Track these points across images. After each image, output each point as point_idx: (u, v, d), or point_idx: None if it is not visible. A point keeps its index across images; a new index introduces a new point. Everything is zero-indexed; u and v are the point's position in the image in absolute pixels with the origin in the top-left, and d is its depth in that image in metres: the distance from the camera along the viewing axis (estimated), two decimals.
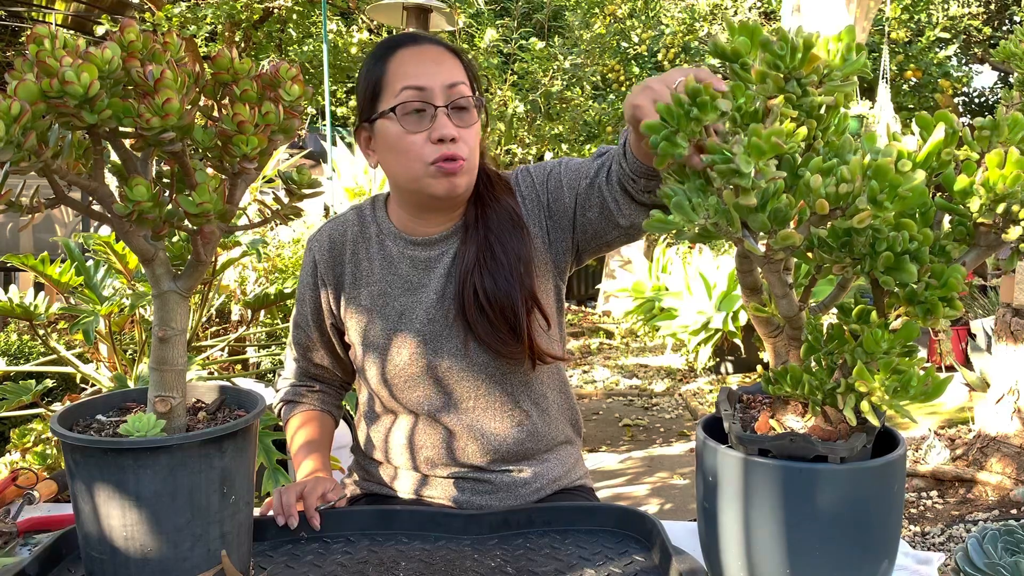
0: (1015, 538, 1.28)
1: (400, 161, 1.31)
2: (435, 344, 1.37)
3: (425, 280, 1.39)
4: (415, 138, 1.29)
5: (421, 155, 1.29)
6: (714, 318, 5.74)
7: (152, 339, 0.94)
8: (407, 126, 1.29)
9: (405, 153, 1.30)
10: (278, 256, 3.63)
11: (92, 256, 2.17)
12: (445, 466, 1.39)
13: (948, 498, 3.64)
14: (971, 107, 11.31)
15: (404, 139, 1.29)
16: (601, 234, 1.34)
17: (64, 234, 7.57)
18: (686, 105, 0.74)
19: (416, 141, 1.29)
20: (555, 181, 1.38)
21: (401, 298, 1.39)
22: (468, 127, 1.31)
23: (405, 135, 1.29)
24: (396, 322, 1.39)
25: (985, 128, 0.79)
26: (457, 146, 1.29)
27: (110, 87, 0.82)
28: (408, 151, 1.29)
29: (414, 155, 1.29)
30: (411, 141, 1.29)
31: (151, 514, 0.89)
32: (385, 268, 1.41)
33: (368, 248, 1.43)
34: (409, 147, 1.29)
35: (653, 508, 3.63)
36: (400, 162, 1.31)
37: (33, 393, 2.02)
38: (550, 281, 1.40)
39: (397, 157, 1.31)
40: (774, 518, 0.84)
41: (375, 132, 1.34)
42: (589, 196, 1.32)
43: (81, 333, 1.91)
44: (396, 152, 1.31)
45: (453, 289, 1.36)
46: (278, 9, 7.56)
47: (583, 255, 1.41)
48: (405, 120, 1.29)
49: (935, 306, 0.77)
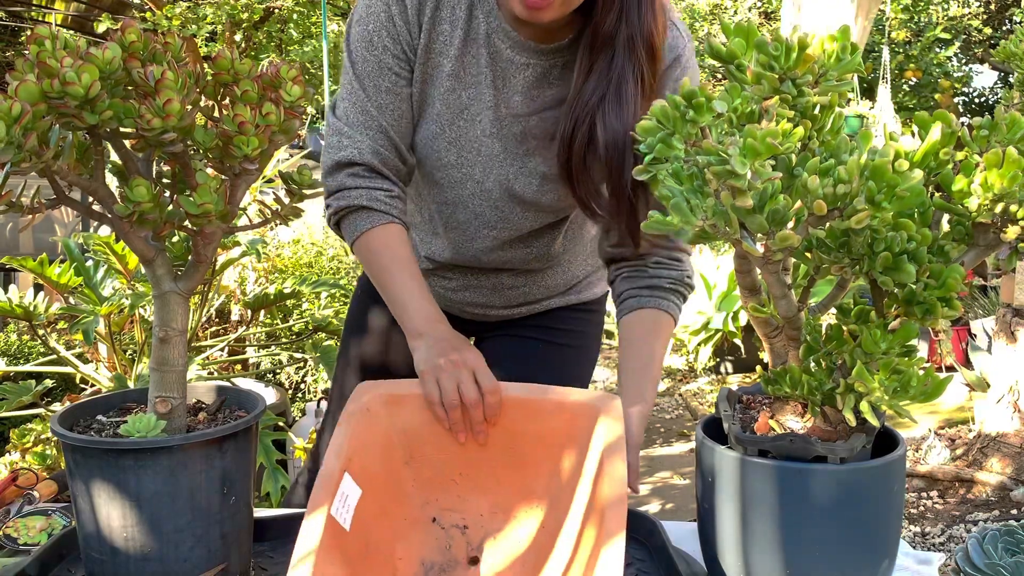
0: (1015, 538, 1.28)
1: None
2: (488, 159, 1.25)
3: (500, 84, 1.23)
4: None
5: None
6: (714, 318, 5.74)
7: (152, 340, 0.94)
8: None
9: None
10: (278, 256, 3.63)
11: (92, 256, 2.17)
12: (453, 268, 1.38)
13: (948, 498, 3.64)
14: (971, 107, 11.30)
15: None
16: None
17: (64, 234, 7.56)
18: (682, 107, 0.74)
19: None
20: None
21: (470, 89, 1.23)
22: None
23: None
24: (456, 114, 1.23)
25: (983, 128, 0.79)
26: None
27: (111, 88, 0.82)
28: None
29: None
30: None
31: (151, 514, 0.89)
32: (467, 44, 1.22)
33: (454, 13, 1.22)
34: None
35: (654, 508, 3.63)
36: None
37: (33, 393, 2.03)
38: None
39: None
40: (774, 518, 0.84)
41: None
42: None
43: (81, 333, 1.91)
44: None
45: (559, 129, 1.19)
46: (278, 9, 7.56)
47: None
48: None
49: (934, 306, 0.77)
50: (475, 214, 1.32)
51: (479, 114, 1.25)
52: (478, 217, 1.32)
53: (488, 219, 1.32)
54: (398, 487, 1.06)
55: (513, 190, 1.28)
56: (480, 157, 1.27)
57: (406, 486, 1.07)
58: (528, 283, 1.43)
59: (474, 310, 1.45)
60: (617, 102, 1.15)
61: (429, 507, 1.07)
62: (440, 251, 1.38)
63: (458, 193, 1.30)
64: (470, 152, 1.26)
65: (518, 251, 1.37)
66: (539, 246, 1.38)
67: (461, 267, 1.40)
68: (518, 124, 1.25)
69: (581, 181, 1.20)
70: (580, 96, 1.17)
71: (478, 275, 1.41)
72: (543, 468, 1.06)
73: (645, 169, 0.77)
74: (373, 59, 1.21)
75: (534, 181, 1.27)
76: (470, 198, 1.30)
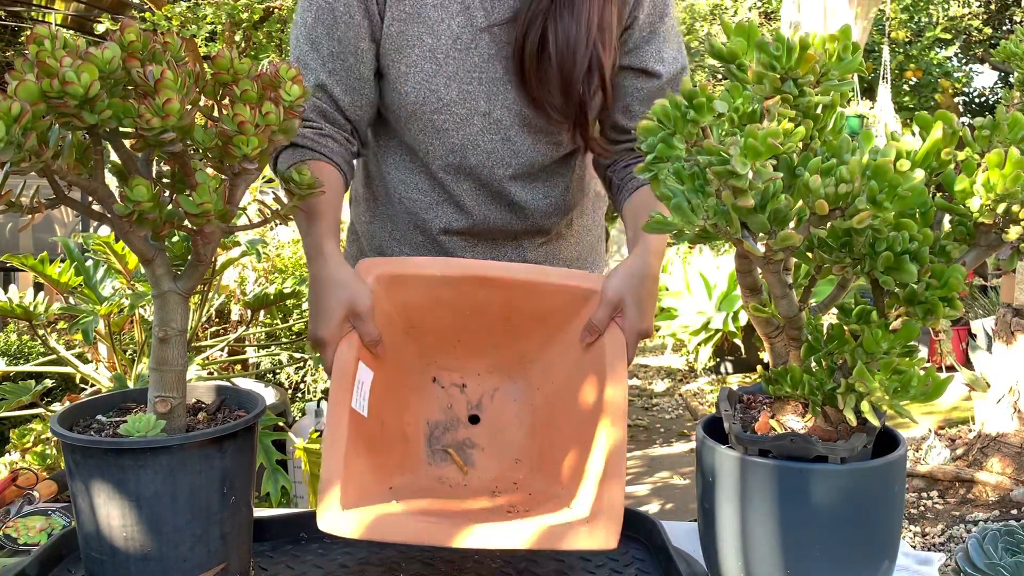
0: (1015, 538, 1.28)
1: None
2: (491, 86, 1.24)
3: (488, 5, 1.23)
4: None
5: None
6: (714, 318, 5.74)
7: (152, 340, 0.94)
8: None
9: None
10: (278, 256, 3.63)
11: (92, 256, 2.16)
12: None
13: (948, 498, 3.64)
14: (971, 107, 11.30)
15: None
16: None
17: (64, 234, 7.57)
18: (683, 107, 0.74)
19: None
20: (642, 30, 1.26)
21: (459, 16, 1.23)
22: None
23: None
24: (449, 44, 1.22)
25: (985, 128, 0.79)
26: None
27: (110, 87, 0.82)
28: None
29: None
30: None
31: (151, 514, 0.89)
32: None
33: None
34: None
35: (654, 508, 3.63)
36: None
37: (33, 393, 2.02)
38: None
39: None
40: (774, 518, 0.84)
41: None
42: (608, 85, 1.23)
43: (80, 333, 1.91)
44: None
45: (515, 29, 1.21)
46: (278, 9, 7.56)
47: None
48: None
49: (935, 306, 0.77)
50: (487, 152, 1.28)
51: (473, 39, 1.22)
52: (490, 156, 1.28)
53: (501, 156, 1.28)
54: (400, 356, 1.13)
55: (524, 114, 1.26)
56: (483, 86, 1.24)
57: (407, 354, 1.14)
58: (548, 257, 1.41)
59: None
60: (569, 4, 1.17)
61: (430, 369, 1.15)
62: (455, 217, 1.34)
63: (466, 133, 1.27)
64: (471, 83, 1.24)
65: (537, 195, 1.34)
66: (556, 190, 1.36)
67: (483, 237, 1.36)
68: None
69: (535, 83, 1.21)
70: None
71: (502, 247, 1.38)
72: (538, 337, 1.15)
73: (646, 168, 0.77)
74: (326, 6, 1.21)
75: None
76: (480, 135, 1.27)
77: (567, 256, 1.44)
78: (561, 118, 1.24)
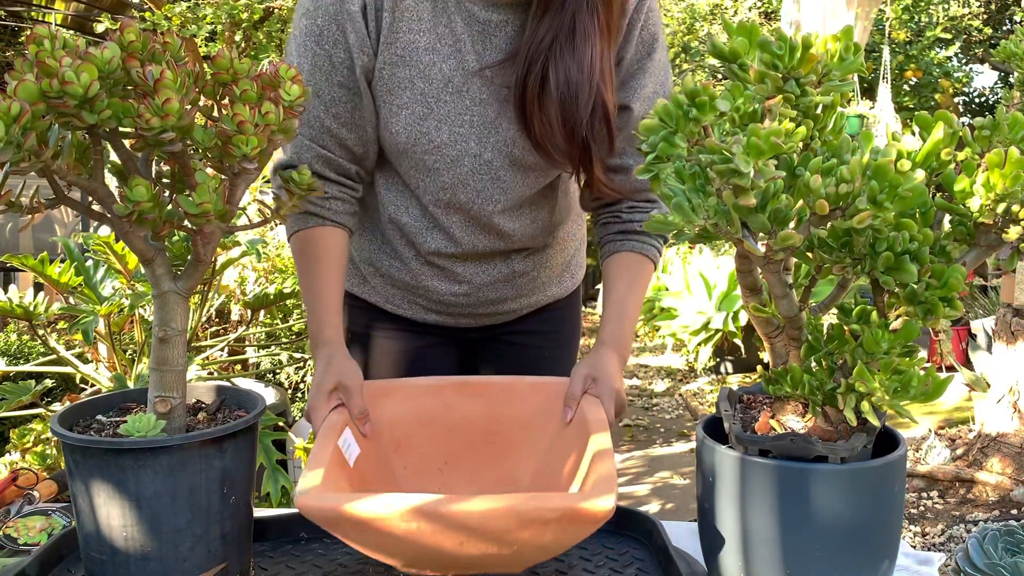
0: (1015, 538, 1.28)
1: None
2: (482, 128, 1.23)
3: (480, 48, 1.22)
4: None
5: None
6: (714, 318, 5.74)
7: (152, 339, 0.94)
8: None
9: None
10: (278, 256, 3.63)
11: (92, 256, 2.16)
12: (449, 255, 1.35)
13: (948, 498, 3.64)
14: (971, 107, 11.30)
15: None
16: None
17: (64, 234, 7.57)
18: (684, 105, 0.74)
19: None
20: (633, 63, 1.26)
21: (450, 60, 1.21)
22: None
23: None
24: (440, 88, 1.21)
25: (985, 128, 0.79)
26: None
27: (110, 87, 0.82)
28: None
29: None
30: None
31: (151, 514, 0.89)
32: (437, 15, 1.20)
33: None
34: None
35: (654, 508, 3.63)
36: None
37: (33, 393, 2.02)
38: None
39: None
40: (774, 518, 0.84)
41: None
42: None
43: (81, 333, 1.91)
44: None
45: (515, 70, 1.19)
46: (278, 9, 7.56)
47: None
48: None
49: (935, 306, 0.77)
50: (477, 191, 1.28)
51: (465, 82, 1.22)
52: (480, 194, 1.28)
53: (491, 194, 1.29)
54: (389, 472, 1.16)
55: (514, 155, 1.26)
56: (474, 129, 1.24)
57: (396, 472, 1.17)
58: (536, 267, 1.42)
59: (487, 309, 1.43)
60: (570, 43, 1.15)
61: (414, 488, 1.16)
62: (444, 244, 1.34)
63: (456, 173, 1.26)
64: (462, 125, 1.23)
65: (524, 222, 1.35)
66: (543, 213, 1.37)
67: (472, 258, 1.37)
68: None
69: (536, 124, 1.19)
70: (533, 38, 1.17)
71: (491, 261, 1.38)
72: (524, 451, 1.18)
73: (647, 168, 0.77)
74: (323, 54, 1.19)
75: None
76: (470, 175, 1.27)
77: (554, 263, 1.45)
78: (564, 159, 1.23)
